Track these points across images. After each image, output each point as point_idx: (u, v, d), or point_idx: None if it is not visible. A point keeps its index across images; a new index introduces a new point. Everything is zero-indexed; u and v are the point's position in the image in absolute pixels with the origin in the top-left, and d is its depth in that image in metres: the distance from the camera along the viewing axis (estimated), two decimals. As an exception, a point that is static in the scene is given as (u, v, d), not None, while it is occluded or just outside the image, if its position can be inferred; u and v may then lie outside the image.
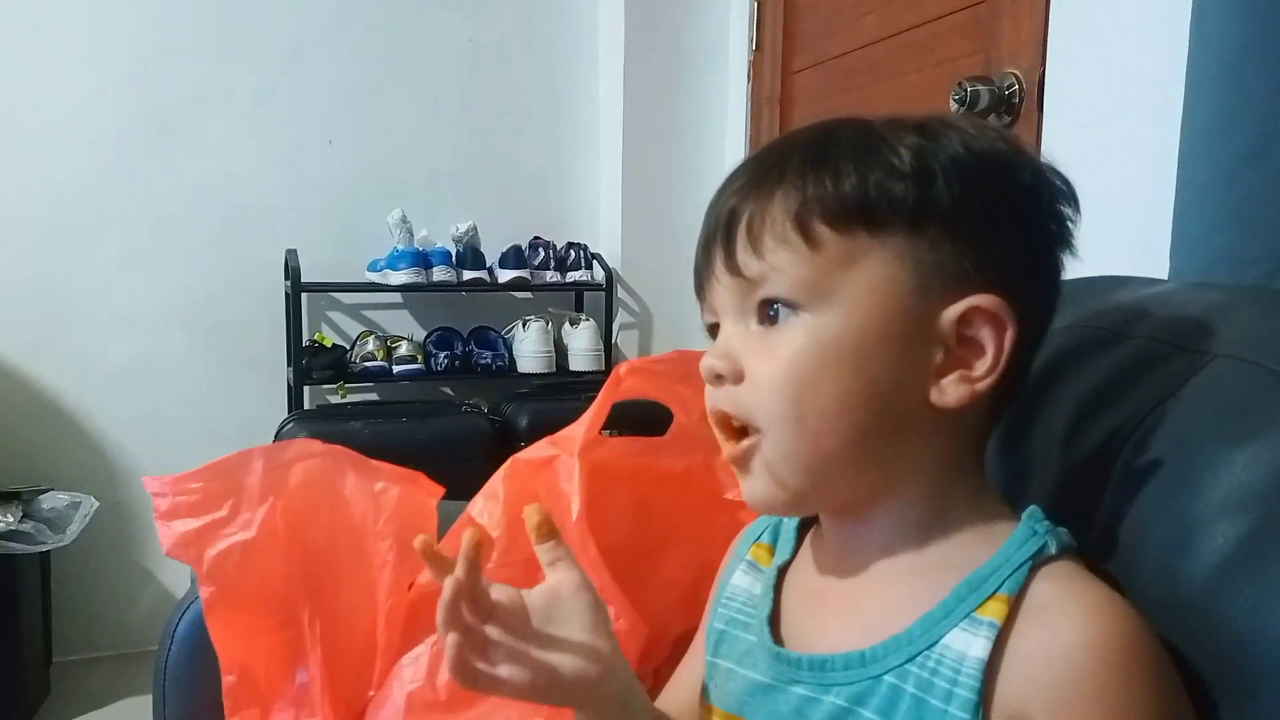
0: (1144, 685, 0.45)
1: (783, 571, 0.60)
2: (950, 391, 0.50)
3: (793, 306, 0.51)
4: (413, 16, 2.40)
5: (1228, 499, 0.49)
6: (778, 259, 0.51)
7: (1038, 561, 0.49)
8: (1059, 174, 0.54)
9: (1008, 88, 1.36)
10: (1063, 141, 1.24)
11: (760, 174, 0.53)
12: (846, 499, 0.54)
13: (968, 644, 0.47)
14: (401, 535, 0.76)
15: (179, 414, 2.30)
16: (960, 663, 0.47)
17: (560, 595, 0.55)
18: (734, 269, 0.52)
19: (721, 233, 0.53)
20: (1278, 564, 0.45)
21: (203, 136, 2.28)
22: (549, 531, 0.57)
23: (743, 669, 0.58)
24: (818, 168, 0.51)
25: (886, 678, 0.50)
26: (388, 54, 2.39)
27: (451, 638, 0.50)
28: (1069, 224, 0.54)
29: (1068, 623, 0.46)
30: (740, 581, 0.62)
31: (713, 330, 0.56)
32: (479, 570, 0.53)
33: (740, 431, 0.53)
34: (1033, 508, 0.51)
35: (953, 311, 0.50)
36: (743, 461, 0.53)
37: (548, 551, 0.57)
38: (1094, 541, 0.55)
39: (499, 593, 0.54)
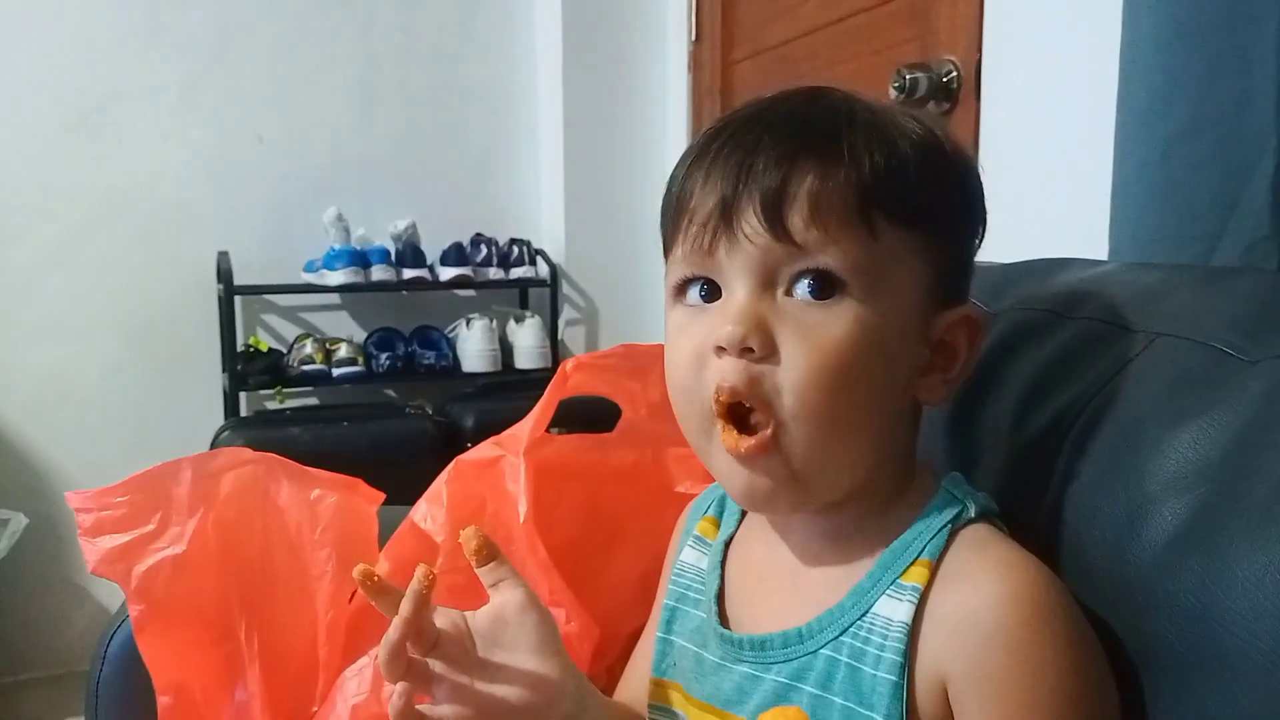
0: (1054, 636, 0.46)
1: (728, 545, 0.61)
2: (936, 390, 0.52)
3: (844, 287, 0.48)
4: (344, 7, 2.34)
5: (1175, 476, 0.49)
6: (839, 235, 0.47)
7: (957, 526, 0.50)
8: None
9: (945, 75, 1.36)
10: (1001, 127, 1.25)
11: (816, 140, 0.49)
12: (837, 496, 0.52)
13: (893, 610, 0.49)
14: (340, 544, 0.74)
15: (109, 424, 2.22)
16: (888, 628, 0.49)
17: (505, 617, 0.54)
18: (781, 233, 0.47)
19: (769, 194, 0.47)
20: (1225, 538, 0.45)
21: (127, 133, 2.20)
22: (489, 553, 0.55)
23: (694, 646, 0.58)
24: (884, 147, 0.49)
25: (823, 651, 0.51)
26: (319, 46, 2.33)
27: (401, 687, 0.50)
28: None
29: (979, 582, 0.47)
30: (689, 557, 0.63)
31: (683, 288, 0.51)
32: (428, 604, 0.52)
33: (745, 416, 0.48)
34: (953, 474, 0.53)
35: (949, 317, 0.52)
36: (754, 457, 0.48)
37: (489, 573, 0.55)
38: (1044, 523, 0.56)
39: (443, 619, 0.53)
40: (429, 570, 0.52)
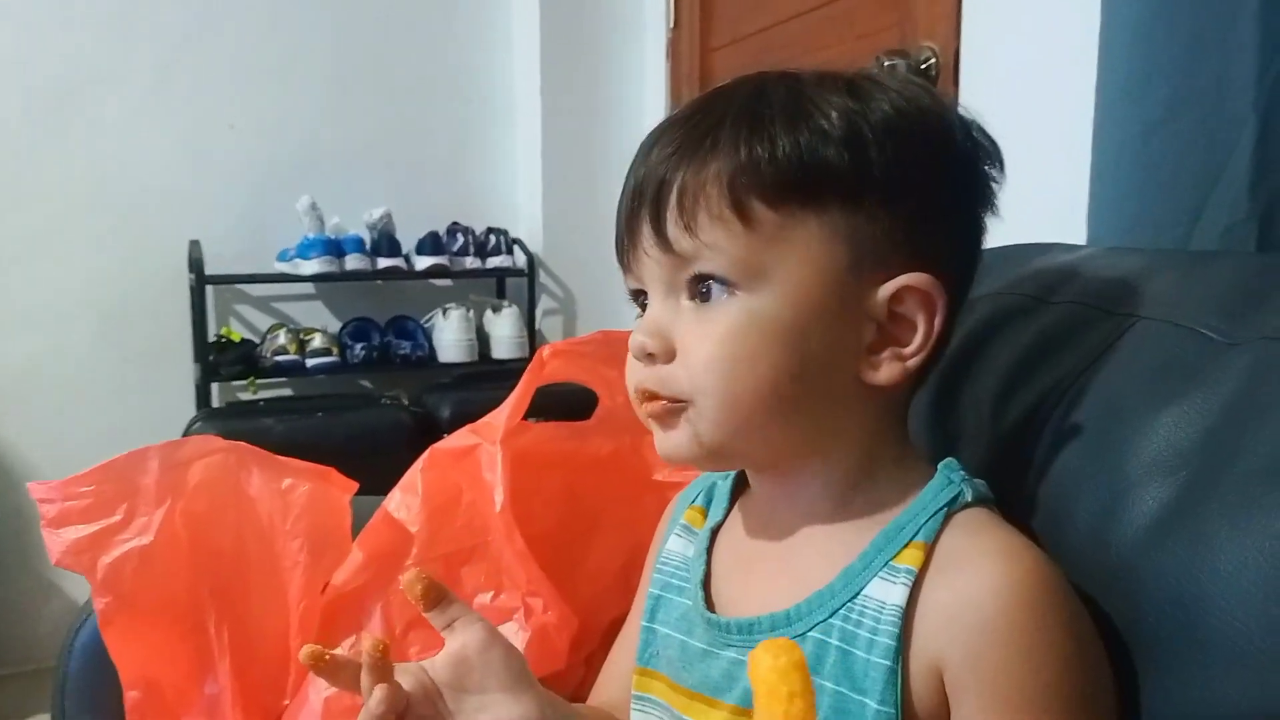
0: (1054, 627, 0.45)
1: (715, 534, 0.60)
2: (883, 369, 0.50)
3: (728, 285, 0.49)
4: (316, -6, 2.31)
5: (1156, 460, 0.49)
6: (712, 236, 0.48)
7: (953, 509, 0.49)
8: (985, 132, 0.53)
9: (925, 60, 1.36)
10: (979, 112, 1.25)
11: (691, 141, 0.50)
12: (766, 460, 0.54)
13: (886, 592, 0.48)
14: (313, 534, 0.72)
15: (80, 415, 2.18)
16: (880, 611, 0.48)
17: (468, 658, 0.52)
18: (665, 245, 0.50)
19: (650, 205, 0.50)
20: (1207, 522, 0.45)
21: (98, 120, 2.16)
22: (436, 594, 0.53)
23: (679, 634, 0.57)
24: (752, 137, 0.48)
25: (812, 634, 0.50)
26: (292, 33, 2.30)
27: None
28: (994, 185, 0.53)
29: (978, 568, 0.46)
30: (675, 546, 0.62)
31: (636, 296, 0.54)
32: (390, 671, 0.51)
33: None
34: (949, 459, 0.52)
35: (886, 290, 0.49)
36: (665, 417, 0.51)
37: (441, 616, 0.53)
38: (1027, 506, 0.55)
39: (408, 680, 0.51)
40: (379, 641, 0.50)
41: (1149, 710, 0.46)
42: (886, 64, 1.36)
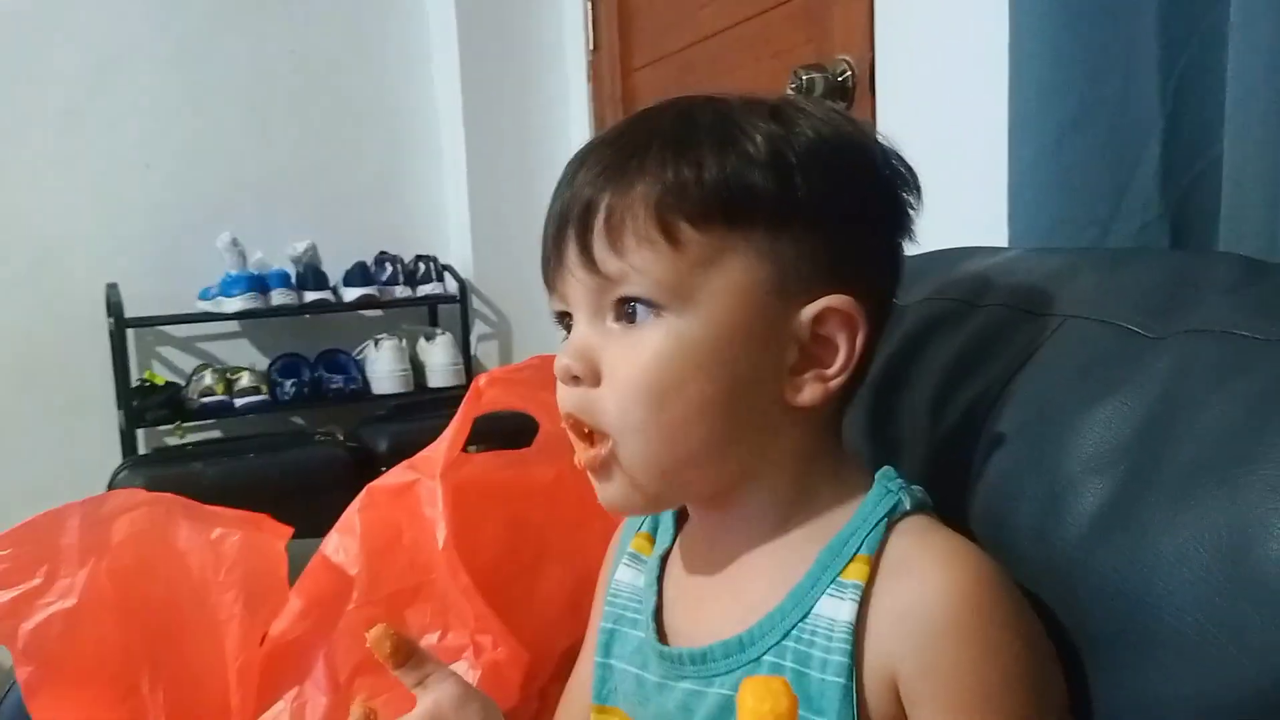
0: (1003, 627, 0.46)
1: (665, 560, 0.59)
2: (806, 391, 0.50)
3: (653, 307, 0.49)
4: (230, 27, 2.26)
5: (1093, 457, 0.50)
6: (639, 258, 0.48)
7: (893, 519, 0.49)
8: (903, 160, 0.54)
9: (840, 74, 1.38)
10: (897, 123, 1.28)
11: (618, 162, 0.50)
12: (705, 493, 0.54)
13: (836, 609, 0.48)
14: (248, 584, 0.70)
15: (-1, 471, 2.09)
16: (831, 628, 0.48)
17: (444, 715, 0.51)
18: (591, 266, 0.49)
19: (576, 225, 0.50)
20: (1145, 517, 0.46)
21: (6, 164, 2.09)
22: (405, 651, 0.52)
23: (634, 667, 0.57)
24: (679, 159, 0.48)
25: (766, 658, 0.50)
26: (206, 67, 2.25)
27: None
28: (912, 210, 0.54)
29: (923, 575, 0.47)
30: (624, 576, 0.61)
31: (562, 318, 0.54)
32: None
33: (590, 434, 0.52)
34: (885, 468, 0.52)
35: (809, 312, 0.49)
36: (599, 467, 0.52)
37: (411, 674, 0.52)
38: (969, 510, 0.56)
39: None
40: (370, 710, 0.50)
41: (1101, 702, 0.47)
42: (805, 77, 1.38)
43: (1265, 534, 0.41)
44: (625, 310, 0.49)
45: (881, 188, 0.53)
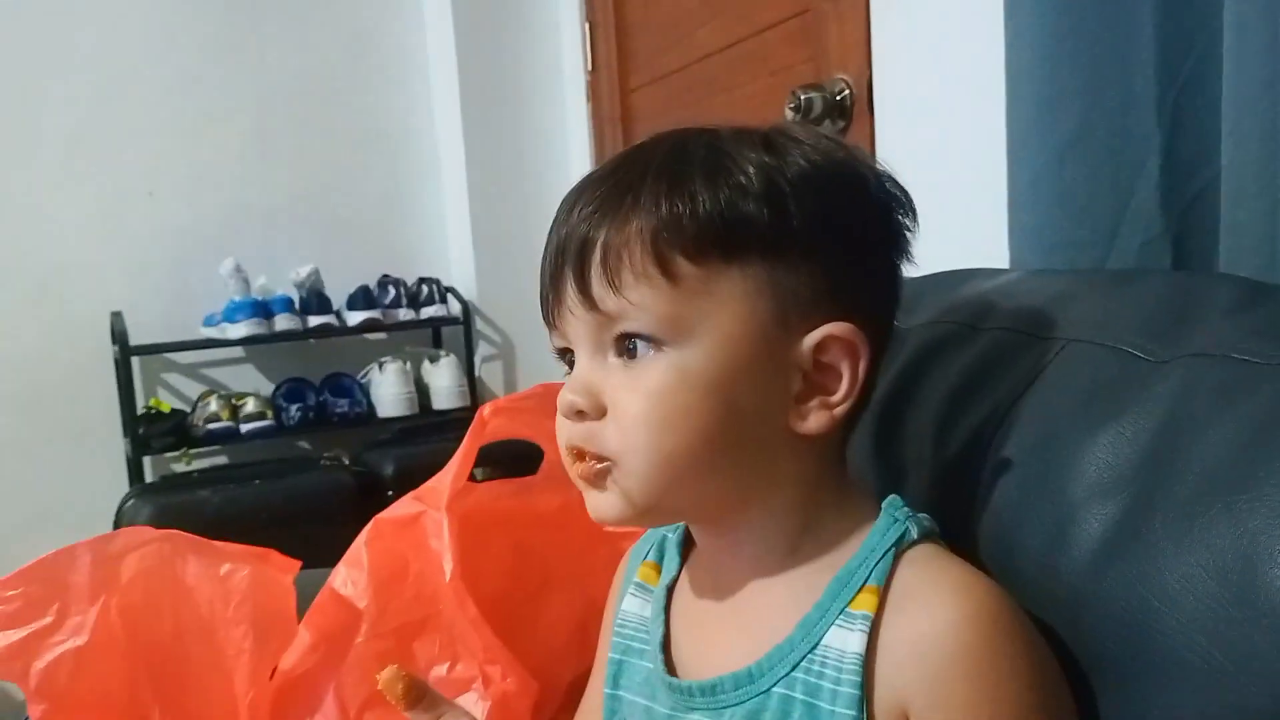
0: (1014, 656, 0.46)
1: (671, 589, 0.59)
2: (811, 419, 0.50)
3: (654, 342, 0.49)
4: (232, 54, 2.28)
5: (1097, 483, 0.50)
6: (636, 294, 0.48)
7: (901, 548, 0.49)
8: (897, 184, 0.54)
9: (838, 93, 1.39)
10: (896, 141, 1.28)
11: (612, 199, 0.50)
12: (699, 514, 0.54)
13: (845, 640, 0.48)
14: (257, 619, 0.70)
15: (5, 501, 2.09)
16: (841, 660, 0.47)
17: None
18: (589, 304, 0.50)
19: (573, 264, 0.50)
20: (1151, 543, 0.46)
21: (9, 191, 2.10)
22: (417, 692, 0.52)
23: (643, 699, 0.56)
24: (672, 193, 0.48)
25: (776, 689, 0.49)
26: (208, 95, 2.27)
27: None
28: (908, 233, 0.54)
29: (933, 606, 0.47)
30: (631, 606, 0.61)
31: (563, 354, 0.54)
32: None
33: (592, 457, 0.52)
34: (892, 496, 0.52)
35: (810, 340, 0.50)
36: (594, 479, 0.51)
37: (423, 716, 0.53)
38: (975, 536, 0.56)
39: None
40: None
41: (1111, 729, 0.47)
42: (803, 97, 1.39)
43: (1270, 559, 0.41)
44: (626, 346, 0.50)
45: (876, 212, 0.53)
